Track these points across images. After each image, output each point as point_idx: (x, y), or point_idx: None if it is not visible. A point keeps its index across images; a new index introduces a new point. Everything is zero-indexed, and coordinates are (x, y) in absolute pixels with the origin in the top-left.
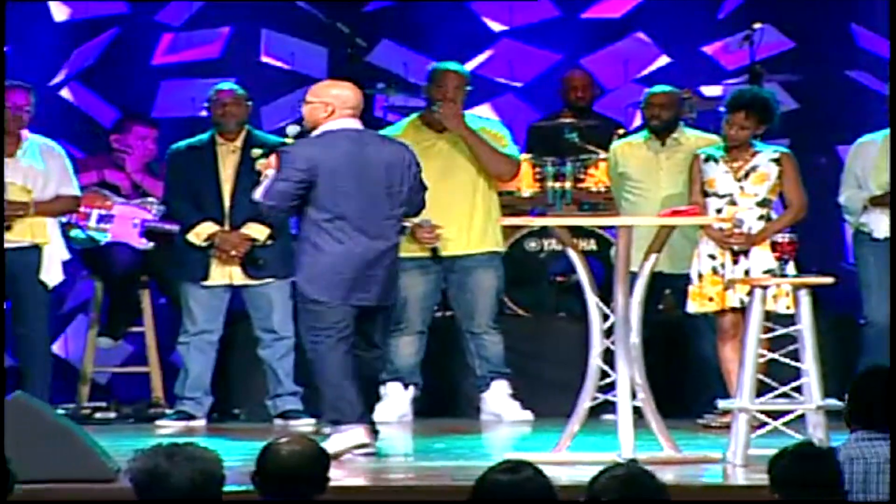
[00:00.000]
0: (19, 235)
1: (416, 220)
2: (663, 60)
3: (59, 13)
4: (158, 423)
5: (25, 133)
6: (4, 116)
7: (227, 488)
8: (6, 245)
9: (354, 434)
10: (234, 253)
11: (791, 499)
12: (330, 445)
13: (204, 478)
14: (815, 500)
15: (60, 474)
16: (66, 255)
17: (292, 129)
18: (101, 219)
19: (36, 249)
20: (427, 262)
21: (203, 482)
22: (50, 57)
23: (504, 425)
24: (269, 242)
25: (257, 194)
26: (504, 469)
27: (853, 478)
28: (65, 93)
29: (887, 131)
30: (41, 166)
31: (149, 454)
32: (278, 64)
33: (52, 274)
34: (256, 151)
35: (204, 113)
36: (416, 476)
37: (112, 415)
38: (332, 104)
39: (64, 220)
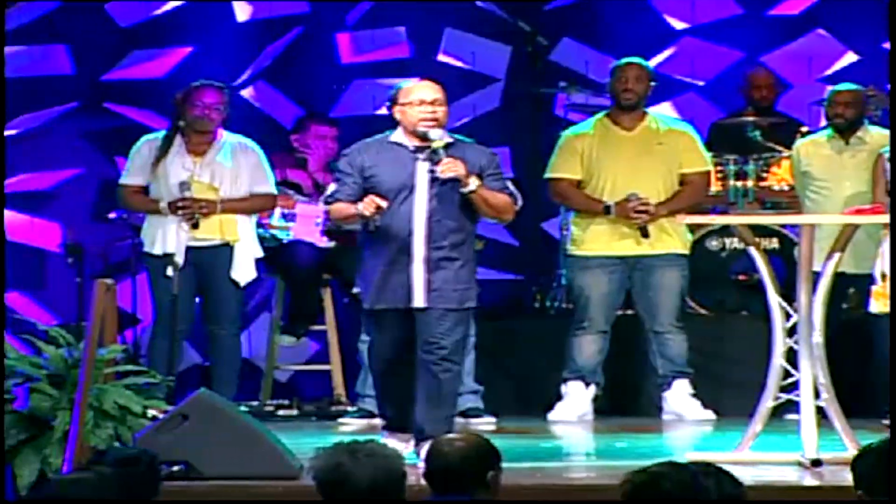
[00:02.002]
0: (208, 233)
1: (621, 195)
2: (849, 58)
3: (242, 13)
4: (340, 420)
5: (221, 132)
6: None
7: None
8: (194, 243)
9: None
10: None
11: (875, 497)
12: None
13: (386, 475)
14: None
15: (244, 471)
16: (259, 253)
17: (436, 133)
18: (283, 217)
19: (226, 247)
20: (612, 261)
21: (385, 479)
22: (232, 57)
23: (686, 424)
24: None
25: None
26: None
27: None
28: (247, 92)
29: None
30: (230, 164)
31: (330, 452)
32: (457, 63)
33: (243, 272)
34: (437, 132)
35: (384, 110)
36: (598, 475)
37: (294, 412)
38: None
39: None
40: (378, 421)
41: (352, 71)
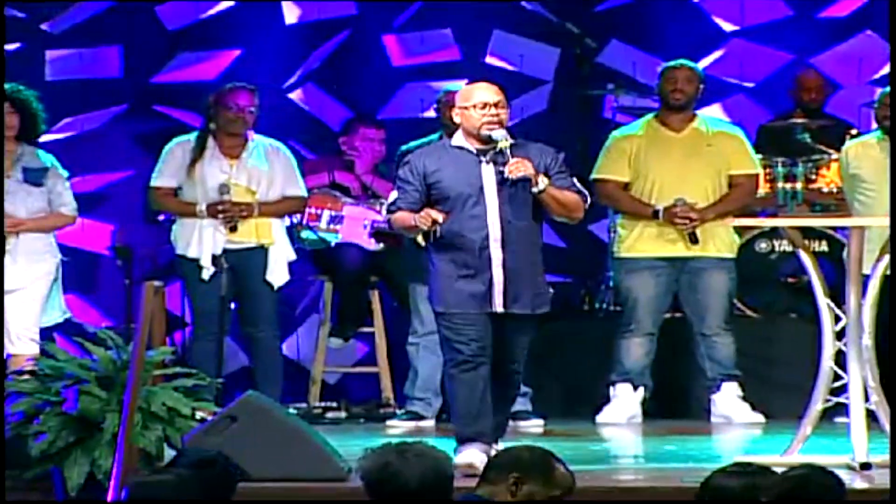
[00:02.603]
0: (244, 236)
1: (667, 202)
2: None
3: (290, 15)
4: (388, 423)
5: (251, 134)
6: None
7: None
8: (230, 245)
9: None
10: None
11: None
12: None
13: (435, 475)
14: None
15: (292, 473)
16: (293, 256)
17: (500, 133)
18: (331, 220)
19: (261, 250)
20: (660, 264)
21: (433, 480)
22: (281, 60)
23: (735, 427)
24: None
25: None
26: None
27: None
28: (296, 95)
29: None
30: (265, 167)
31: (379, 452)
32: (504, 65)
33: (277, 274)
34: (500, 132)
35: (432, 113)
36: (646, 478)
37: (342, 415)
38: None
39: (296, 220)
40: (427, 423)
41: (403, 73)
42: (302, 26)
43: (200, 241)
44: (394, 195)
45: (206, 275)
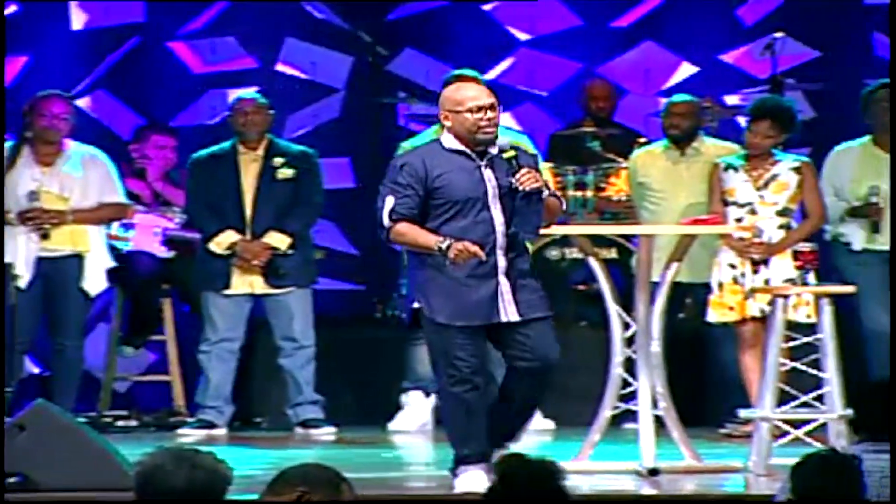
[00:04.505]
0: (58, 244)
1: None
2: (685, 69)
3: (77, 21)
4: (179, 431)
5: (67, 142)
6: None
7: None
8: (45, 253)
9: None
10: (255, 262)
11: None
12: None
13: (202, 487)
14: None
15: (80, 482)
16: (110, 263)
17: (504, 142)
18: (122, 227)
19: (76, 258)
20: None
21: (200, 491)
22: (69, 66)
23: (525, 434)
24: (289, 252)
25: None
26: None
27: None
28: (84, 102)
29: (865, 139)
30: (79, 174)
31: (161, 453)
32: (296, 73)
33: (93, 282)
34: (503, 140)
35: (216, 119)
36: (438, 485)
37: (133, 423)
38: None
39: None
40: (218, 431)
41: (200, 81)
42: (90, 32)
43: (15, 249)
44: (390, 201)
45: (22, 283)
